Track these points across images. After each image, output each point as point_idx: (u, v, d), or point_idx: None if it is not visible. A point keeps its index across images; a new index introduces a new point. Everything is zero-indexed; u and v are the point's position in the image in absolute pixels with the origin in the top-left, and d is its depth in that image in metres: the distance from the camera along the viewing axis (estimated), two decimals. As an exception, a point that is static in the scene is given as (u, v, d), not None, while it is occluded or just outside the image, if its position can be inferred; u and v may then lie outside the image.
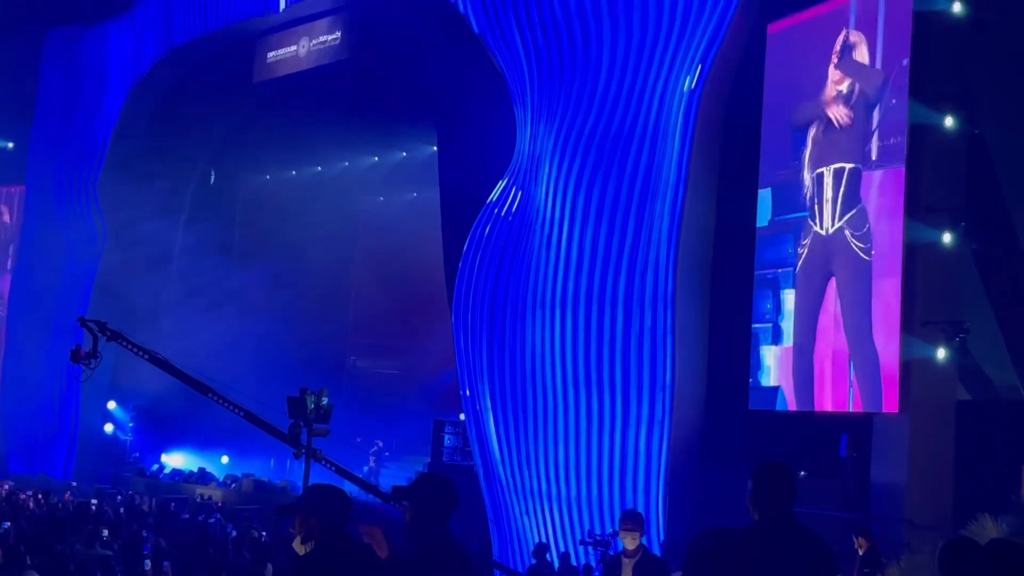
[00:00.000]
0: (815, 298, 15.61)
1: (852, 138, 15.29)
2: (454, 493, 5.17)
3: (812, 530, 5.23)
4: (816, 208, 15.64)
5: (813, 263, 15.67)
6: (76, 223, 31.15)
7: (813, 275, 15.67)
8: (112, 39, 31.58)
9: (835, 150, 15.54)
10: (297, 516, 5.36)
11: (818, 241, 15.59)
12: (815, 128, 15.92)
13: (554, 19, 19.14)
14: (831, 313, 15.38)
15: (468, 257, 20.22)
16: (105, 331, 17.67)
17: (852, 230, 14.99)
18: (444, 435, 23.75)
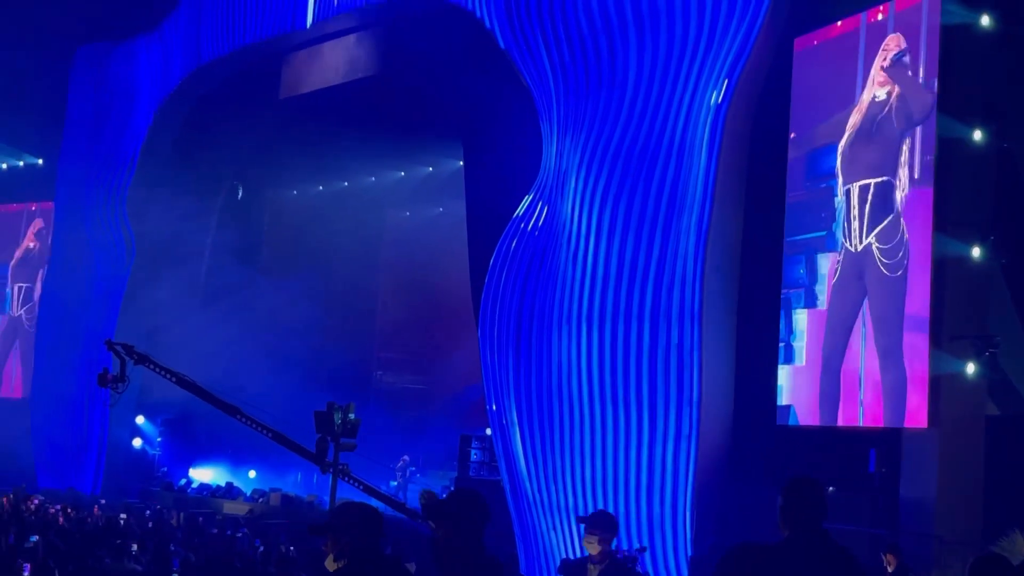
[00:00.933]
0: (849, 315, 15.54)
1: (880, 152, 15.23)
2: (486, 508, 5.18)
3: (844, 546, 5.21)
4: (846, 224, 15.61)
5: (847, 279, 15.61)
6: (105, 238, 31.35)
7: (847, 291, 15.61)
8: (141, 56, 31.81)
9: (862, 165, 15.50)
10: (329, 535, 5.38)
11: (850, 257, 15.54)
12: (843, 143, 15.88)
13: (580, 34, 19.17)
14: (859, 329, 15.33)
15: (494, 272, 20.24)
16: (132, 354, 17.69)
17: (880, 244, 14.94)
18: (470, 450, 23.74)
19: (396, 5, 23.99)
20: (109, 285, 30.85)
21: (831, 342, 15.77)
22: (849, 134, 15.81)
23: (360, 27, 25.58)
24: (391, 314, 35.51)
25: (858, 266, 15.38)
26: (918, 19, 14.79)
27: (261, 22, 27.23)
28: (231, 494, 28.44)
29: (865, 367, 15.04)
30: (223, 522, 23.08)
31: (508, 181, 20.90)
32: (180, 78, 29.83)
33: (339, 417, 17.05)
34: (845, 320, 15.57)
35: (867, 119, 15.59)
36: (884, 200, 15.02)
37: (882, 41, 15.46)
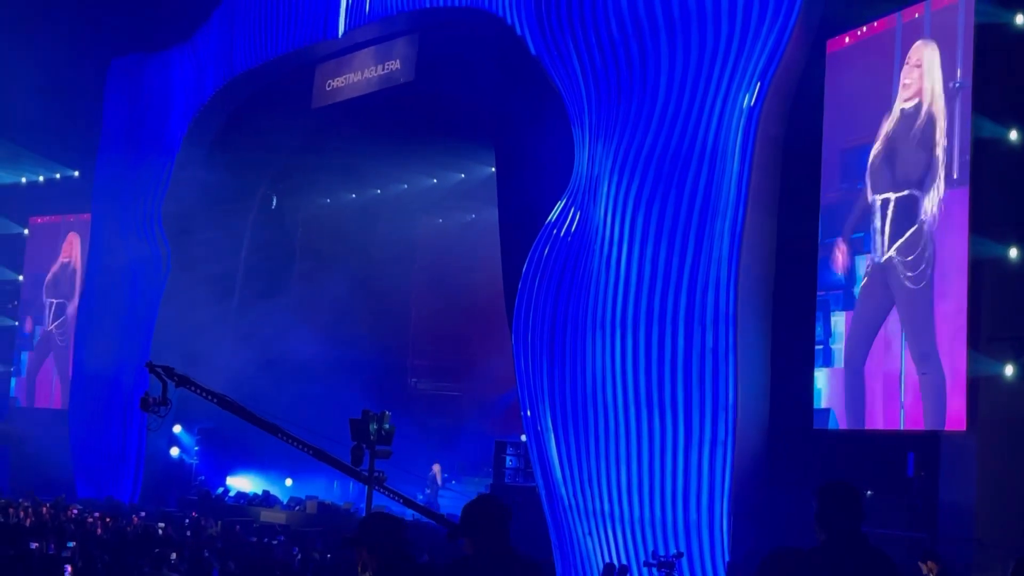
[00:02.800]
0: (872, 322, 15.51)
1: (904, 165, 15.17)
2: (504, 509, 5.24)
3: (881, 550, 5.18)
4: (874, 235, 15.60)
5: (873, 287, 15.60)
6: (141, 249, 31.58)
7: (872, 299, 15.59)
8: (175, 67, 32.06)
9: (887, 178, 15.47)
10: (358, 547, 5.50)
11: (876, 266, 15.54)
12: (873, 153, 15.81)
13: (611, 39, 19.15)
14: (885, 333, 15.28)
15: (528, 278, 20.24)
16: (173, 376, 17.75)
17: (901, 257, 14.94)
18: (505, 456, 23.74)
19: (427, 13, 24.08)
20: (145, 297, 31.07)
21: (853, 344, 15.75)
22: (879, 144, 15.75)
23: (391, 36, 25.69)
24: (425, 321, 35.60)
25: (883, 275, 15.38)
26: (953, 19, 14.68)
27: (293, 32, 27.41)
28: (268, 502, 28.57)
29: (905, 370, 14.93)
30: (260, 530, 23.19)
31: (540, 187, 20.90)
32: (213, 89, 30.05)
33: (374, 425, 17.11)
34: (869, 324, 15.55)
35: (895, 130, 15.52)
36: (906, 213, 15.00)
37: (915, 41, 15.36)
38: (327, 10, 26.51)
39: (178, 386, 18.25)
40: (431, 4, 23.73)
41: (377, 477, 17.53)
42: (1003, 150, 14.16)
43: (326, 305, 31.34)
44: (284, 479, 30.59)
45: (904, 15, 15.66)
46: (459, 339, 34.09)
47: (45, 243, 37.25)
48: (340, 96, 27.13)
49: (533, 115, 21.59)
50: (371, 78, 26.33)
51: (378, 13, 25.20)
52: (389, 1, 24.83)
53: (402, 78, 25.46)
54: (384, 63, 26.00)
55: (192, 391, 18.50)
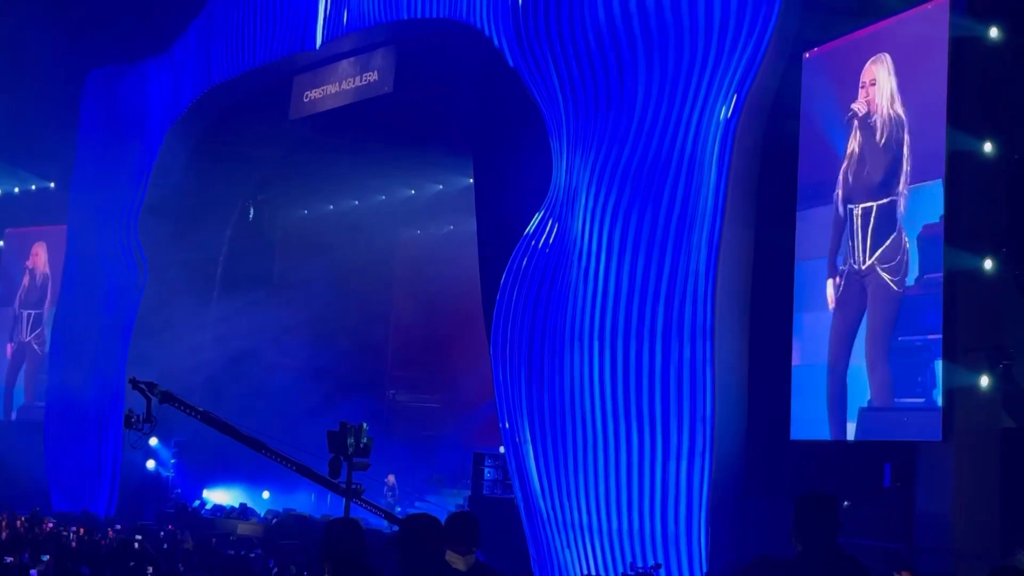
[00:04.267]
0: (852, 328, 15.59)
1: (880, 176, 15.28)
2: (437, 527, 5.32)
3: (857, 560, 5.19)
4: (850, 243, 15.66)
5: (850, 293, 15.67)
6: (117, 261, 31.43)
7: (850, 305, 15.67)
8: (151, 78, 31.95)
9: (864, 188, 15.57)
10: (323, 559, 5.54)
11: (854, 274, 15.62)
12: (846, 162, 15.92)
13: (588, 51, 19.20)
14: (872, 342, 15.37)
15: (506, 289, 20.24)
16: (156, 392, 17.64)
17: (883, 263, 15.04)
18: (484, 468, 23.71)
19: (405, 25, 24.08)
20: (121, 308, 30.90)
21: (835, 357, 15.81)
22: (850, 154, 15.86)
23: (369, 47, 25.68)
24: (403, 333, 35.55)
25: (861, 282, 15.47)
26: (926, 31, 14.78)
27: (271, 43, 27.37)
28: (245, 515, 28.44)
29: (878, 380, 15.00)
30: (237, 543, 23.07)
31: (518, 198, 20.92)
32: (191, 100, 29.96)
33: (352, 436, 17.07)
34: (848, 332, 15.62)
35: (865, 140, 15.65)
36: (886, 221, 15.10)
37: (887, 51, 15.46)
38: (305, 21, 26.48)
39: (161, 402, 18.15)
40: (409, 16, 23.74)
41: (355, 489, 17.49)
42: (977, 162, 14.26)
43: (304, 317, 31.26)
44: (261, 491, 30.45)
45: (878, 26, 15.76)
46: (437, 351, 34.03)
47: (20, 255, 37.03)
48: (318, 107, 27.09)
49: (511, 127, 21.62)
50: (349, 89, 26.30)
51: (356, 24, 25.19)
52: (367, 12, 24.83)
53: (380, 89, 25.44)
54: (362, 74, 25.99)
55: (176, 407, 18.41)
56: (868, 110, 15.62)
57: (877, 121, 15.46)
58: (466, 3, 22.04)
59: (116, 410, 29.71)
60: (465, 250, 26.50)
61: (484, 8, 21.51)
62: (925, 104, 14.70)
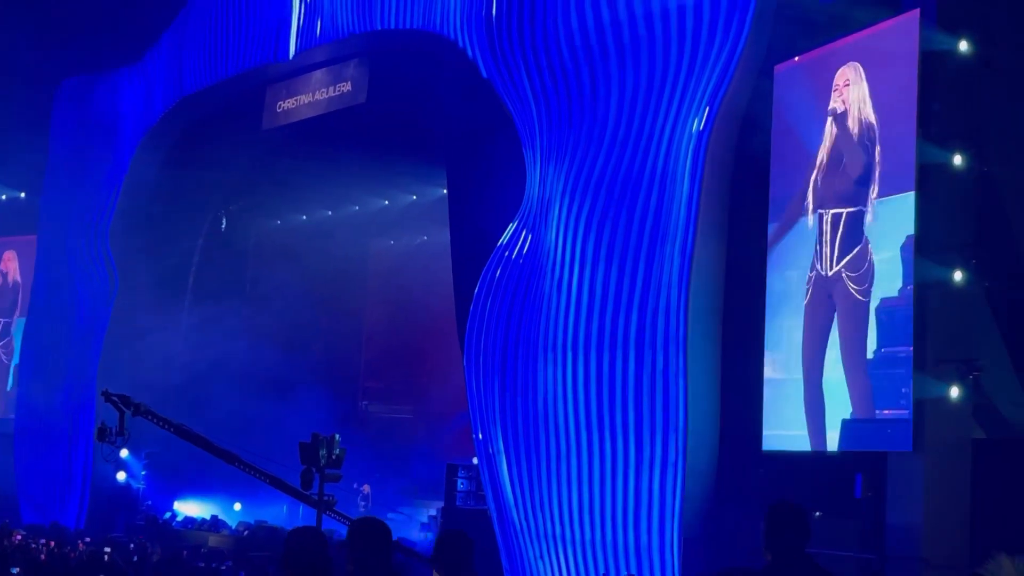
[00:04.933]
0: (823, 334, 15.68)
1: (852, 181, 15.36)
2: (386, 535, 5.33)
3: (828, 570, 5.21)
4: (818, 248, 15.75)
5: (818, 299, 15.77)
6: (88, 271, 31.25)
7: (819, 311, 15.75)
8: (124, 88, 31.82)
9: (835, 193, 15.65)
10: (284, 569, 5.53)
11: (821, 280, 15.71)
12: (816, 169, 16.01)
13: (562, 63, 19.25)
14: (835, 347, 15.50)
15: (479, 300, 20.24)
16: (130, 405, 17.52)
17: (849, 272, 15.13)
18: (457, 479, 23.66)
19: (378, 36, 24.07)
20: (92, 318, 30.73)
21: (809, 363, 15.88)
22: (820, 161, 15.95)
23: (342, 58, 25.66)
24: (377, 343, 35.49)
25: (827, 288, 15.56)
26: (896, 45, 14.88)
27: (244, 53, 27.30)
28: (216, 527, 28.29)
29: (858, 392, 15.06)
30: (208, 555, 22.93)
31: (492, 209, 20.92)
32: (163, 110, 29.86)
33: (324, 448, 17.00)
34: (820, 339, 15.70)
35: (836, 145, 15.74)
36: (855, 229, 15.18)
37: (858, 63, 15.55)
38: (278, 32, 26.44)
39: (135, 415, 18.02)
40: (383, 26, 23.73)
41: (327, 501, 17.42)
42: (948, 175, 14.35)
43: (277, 327, 31.15)
44: (232, 503, 30.29)
45: (849, 40, 15.85)
46: (411, 361, 33.98)
47: (-10, 264, 36.79)
48: (291, 117, 27.04)
49: (485, 137, 21.63)
50: (322, 100, 26.27)
51: (329, 35, 25.17)
52: (340, 23, 24.81)
53: (354, 100, 25.42)
54: (335, 85, 25.96)
55: (149, 420, 18.29)
56: (843, 111, 15.69)
57: (850, 125, 15.54)
58: (440, 14, 22.07)
59: (86, 421, 29.53)
60: (438, 261, 26.50)
61: (458, 19, 21.53)
62: (896, 116, 14.80)
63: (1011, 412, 15.45)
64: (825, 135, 15.95)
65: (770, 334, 16.57)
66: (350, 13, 24.47)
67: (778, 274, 16.60)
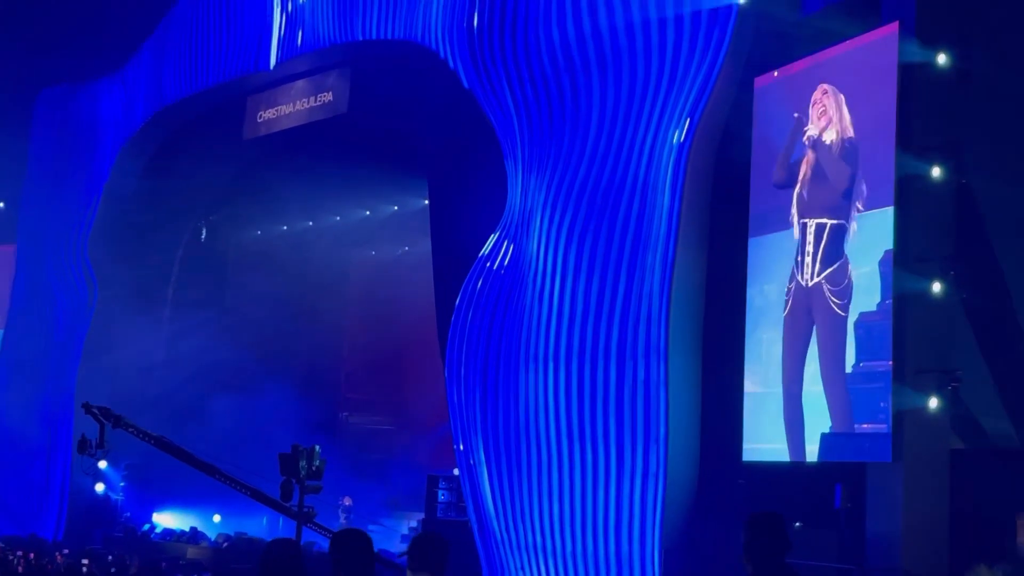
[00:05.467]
0: (802, 345, 15.72)
1: (836, 194, 15.42)
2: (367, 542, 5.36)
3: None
4: (799, 259, 15.79)
5: (798, 311, 15.82)
6: (67, 281, 31.12)
7: (798, 323, 15.80)
8: (103, 98, 31.73)
9: (818, 204, 15.70)
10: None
11: (801, 291, 15.75)
12: (800, 180, 16.06)
13: (543, 74, 19.29)
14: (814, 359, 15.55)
15: (460, 311, 20.23)
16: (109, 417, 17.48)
17: (830, 285, 15.18)
18: (438, 491, 23.60)
19: (360, 46, 24.07)
20: (71, 328, 30.59)
21: (789, 373, 15.92)
22: (804, 175, 16.01)
23: (324, 68, 25.65)
24: (357, 354, 35.39)
25: (808, 300, 15.60)
26: (876, 58, 14.97)
27: (224, 63, 27.26)
28: (195, 539, 28.16)
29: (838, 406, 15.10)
30: (187, 567, 22.83)
31: (473, 220, 20.93)
32: (143, 120, 29.78)
33: (304, 459, 16.95)
34: (799, 350, 15.74)
35: (818, 160, 15.81)
36: (837, 242, 15.24)
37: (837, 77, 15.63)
38: (259, 42, 26.41)
39: (115, 427, 17.96)
40: (364, 37, 23.73)
41: (307, 513, 17.36)
42: (926, 186, 14.43)
43: (257, 338, 31.04)
44: (212, 515, 30.15)
45: (830, 52, 15.93)
46: (391, 372, 33.90)
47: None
48: (272, 127, 27.01)
49: (466, 148, 21.64)
50: (303, 110, 26.24)
51: (311, 45, 25.15)
52: (322, 33, 24.80)
53: (335, 110, 25.40)
54: (317, 95, 25.94)
55: (129, 432, 18.22)
56: (822, 129, 15.76)
57: (831, 140, 15.61)
58: (421, 25, 22.08)
59: (65, 431, 29.39)
60: (420, 271, 26.47)
61: (439, 30, 21.55)
62: (876, 130, 14.87)
63: (990, 423, 15.55)
64: (807, 149, 16.00)
65: (750, 346, 16.62)
66: (331, 23, 24.47)
67: (757, 287, 16.65)
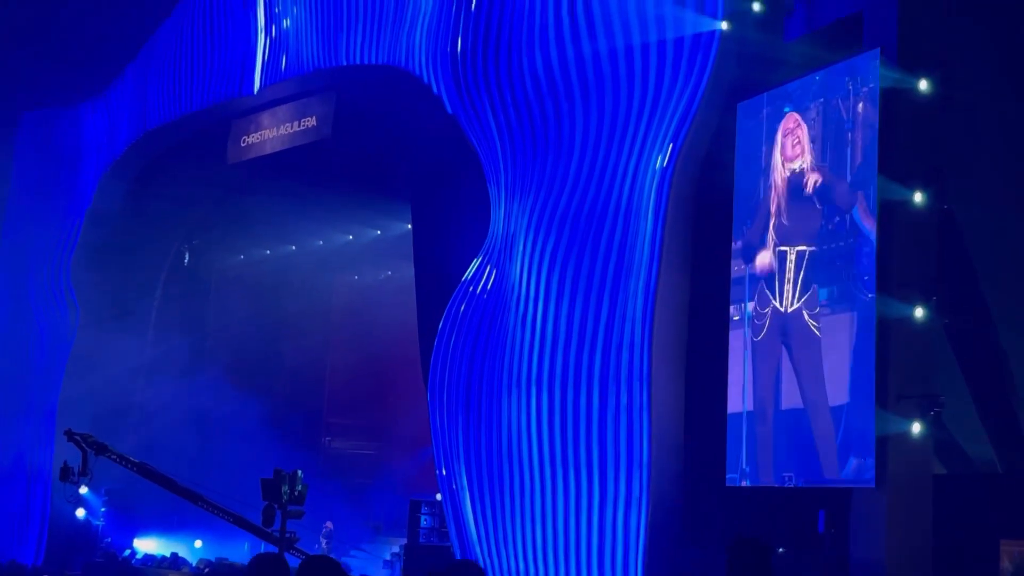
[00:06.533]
0: (773, 369, 15.75)
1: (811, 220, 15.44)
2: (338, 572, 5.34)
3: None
4: (777, 284, 15.79)
5: (772, 336, 15.83)
6: (49, 305, 31.00)
7: (770, 347, 15.82)
8: (87, 121, 31.69)
9: (796, 232, 15.72)
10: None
11: (777, 316, 15.75)
12: (776, 205, 16.09)
13: (526, 99, 19.32)
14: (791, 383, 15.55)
15: (443, 335, 20.19)
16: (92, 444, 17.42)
17: (808, 310, 15.20)
18: (420, 516, 23.52)
19: (344, 71, 24.10)
20: (53, 353, 30.44)
21: (760, 398, 15.92)
22: (781, 202, 16.04)
23: (307, 93, 25.66)
24: (340, 378, 35.29)
25: (783, 325, 15.60)
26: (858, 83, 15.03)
27: (208, 88, 27.25)
28: (176, 564, 27.95)
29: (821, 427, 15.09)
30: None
31: (456, 244, 20.94)
32: (126, 144, 29.74)
33: (286, 484, 16.88)
34: (771, 378, 15.76)
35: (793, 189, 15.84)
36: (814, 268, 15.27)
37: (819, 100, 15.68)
38: (243, 66, 26.42)
39: (97, 455, 17.89)
40: (348, 62, 23.77)
41: (289, 538, 17.28)
42: (908, 212, 14.48)
43: (239, 362, 30.95)
44: (193, 540, 29.96)
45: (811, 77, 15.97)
46: (374, 397, 33.83)
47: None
48: (256, 152, 26.98)
49: (449, 173, 21.66)
50: (287, 134, 26.23)
51: (295, 70, 25.18)
52: (306, 58, 24.83)
53: (319, 135, 25.40)
54: (300, 119, 25.94)
55: (111, 459, 18.13)
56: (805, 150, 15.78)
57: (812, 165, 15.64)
58: (405, 50, 22.13)
59: (45, 456, 29.19)
60: (402, 296, 26.44)
61: (423, 55, 21.59)
62: (857, 154, 14.92)
63: (972, 448, 15.58)
64: (786, 176, 16.02)
65: (732, 370, 16.62)
66: (315, 48, 24.50)
67: (736, 308, 16.65)
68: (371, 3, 23.24)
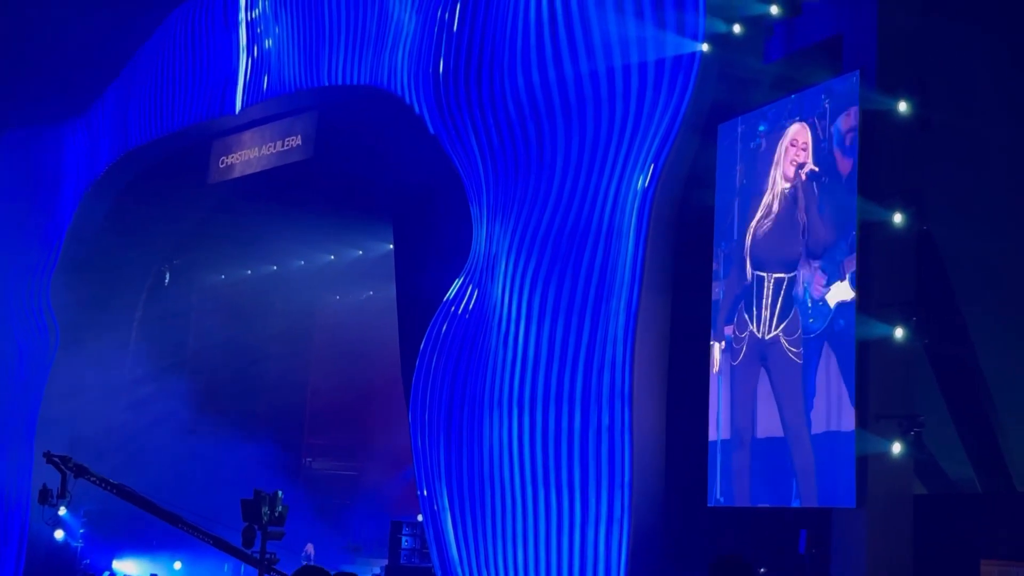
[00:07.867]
0: (751, 394, 15.78)
1: (792, 246, 15.48)
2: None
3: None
4: (755, 311, 15.83)
5: (749, 359, 15.86)
6: (28, 325, 30.83)
7: (748, 371, 15.85)
8: (67, 141, 31.59)
9: (775, 257, 15.74)
10: None
11: (755, 340, 15.78)
12: (757, 228, 16.13)
13: (508, 120, 19.38)
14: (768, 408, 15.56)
15: (425, 356, 20.18)
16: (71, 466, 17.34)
17: (787, 336, 15.24)
18: (401, 537, 23.46)
19: (325, 91, 24.12)
20: (32, 373, 30.27)
21: (739, 422, 15.95)
22: (761, 223, 16.08)
23: (289, 113, 25.66)
24: (321, 399, 35.18)
25: (760, 349, 15.63)
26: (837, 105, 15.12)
27: (190, 107, 27.23)
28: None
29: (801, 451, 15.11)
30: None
31: (438, 265, 20.94)
32: (107, 163, 29.66)
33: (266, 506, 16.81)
34: (750, 402, 15.79)
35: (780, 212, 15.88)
36: (789, 293, 15.32)
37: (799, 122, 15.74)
38: (224, 86, 26.42)
39: (76, 476, 17.79)
40: (330, 82, 23.79)
41: (269, 560, 17.20)
42: (888, 233, 14.56)
43: (220, 383, 30.83)
44: (172, 562, 29.78)
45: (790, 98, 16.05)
46: (355, 417, 33.74)
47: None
48: (237, 172, 26.96)
49: (431, 193, 21.69)
50: (269, 154, 26.22)
51: (276, 90, 25.18)
52: (287, 78, 24.84)
53: (300, 155, 25.39)
54: (283, 139, 25.93)
55: (90, 481, 18.03)
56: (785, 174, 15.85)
57: (790, 188, 15.72)
58: (387, 71, 22.17)
59: (24, 478, 29.00)
60: (384, 316, 26.40)
61: (405, 76, 21.64)
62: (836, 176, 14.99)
63: (952, 468, 15.64)
64: (768, 198, 16.09)
65: (713, 392, 16.64)
66: (297, 68, 24.53)
67: (716, 331, 16.70)
68: (353, 24, 23.30)
